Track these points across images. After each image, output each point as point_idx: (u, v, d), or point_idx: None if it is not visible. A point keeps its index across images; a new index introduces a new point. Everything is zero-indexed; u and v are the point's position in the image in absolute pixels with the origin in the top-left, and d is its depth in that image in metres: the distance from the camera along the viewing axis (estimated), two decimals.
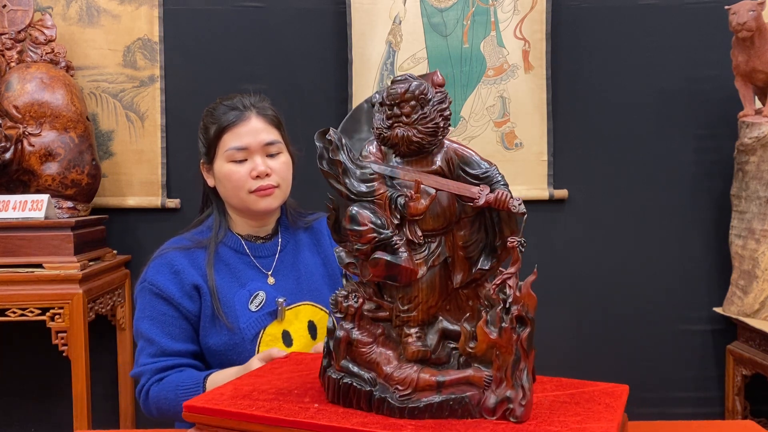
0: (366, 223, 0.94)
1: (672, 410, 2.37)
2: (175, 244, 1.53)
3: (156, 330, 1.46)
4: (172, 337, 1.46)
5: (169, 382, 1.42)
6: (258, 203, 1.49)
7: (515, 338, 0.92)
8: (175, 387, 1.40)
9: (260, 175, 1.47)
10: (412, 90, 0.97)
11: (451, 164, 1.00)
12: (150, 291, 1.47)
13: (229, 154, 1.48)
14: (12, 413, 2.41)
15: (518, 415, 0.92)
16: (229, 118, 1.49)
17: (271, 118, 1.52)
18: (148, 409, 1.47)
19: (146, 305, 1.48)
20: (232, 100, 1.53)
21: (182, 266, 1.47)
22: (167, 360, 1.45)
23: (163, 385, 1.42)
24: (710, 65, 2.33)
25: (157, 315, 1.47)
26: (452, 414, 0.93)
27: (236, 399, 1.01)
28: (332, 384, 0.99)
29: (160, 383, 1.43)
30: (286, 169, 1.52)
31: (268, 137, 1.49)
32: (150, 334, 1.46)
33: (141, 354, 1.48)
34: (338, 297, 0.99)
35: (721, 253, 2.32)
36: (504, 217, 0.98)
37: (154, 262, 1.51)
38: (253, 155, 1.48)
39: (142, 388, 1.46)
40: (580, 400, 1.00)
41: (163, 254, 1.50)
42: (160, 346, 1.45)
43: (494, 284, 0.93)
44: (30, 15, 2.17)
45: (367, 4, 2.30)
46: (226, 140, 1.49)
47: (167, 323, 1.46)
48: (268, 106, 1.55)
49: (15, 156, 2.00)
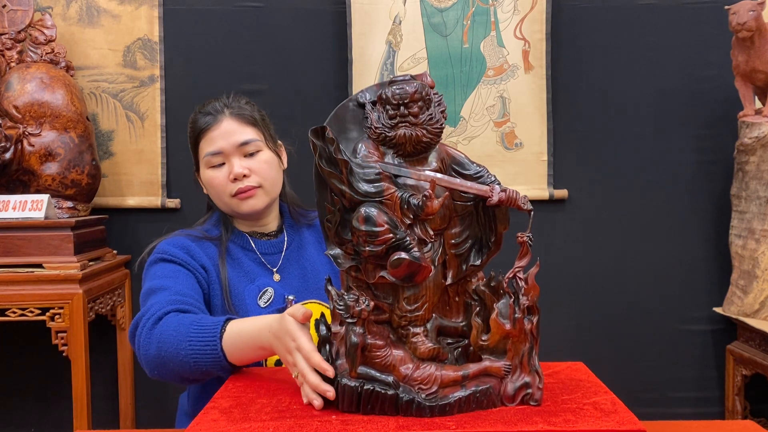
0: (383, 224, 0.94)
1: (672, 410, 2.37)
2: (185, 232, 1.50)
3: (170, 282, 1.35)
4: (189, 289, 1.36)
5: (188, 317, 1.25)
6: (241, 206, 1.47)
7: (528, 327, 0.97)
8: (189, 324, 1.22)
9: (237, 177, 1.45)
10: (420, 90, 0.98)
11: (444, 164, 1.01)
12: (161, 259, 1.40)
13: (207, 160, 1.47)
14: (12, 413, 2.41)
15: (537, 399, 0.98)
16: (201, 124, 1.48)
17: (247, 117, 1.49)
18: (148, 343, 1.25)
19: (157, 270, 1.39)
20: (206, 106, 1.51)
21: (193, 248, 1.43)
22: (186, 302, 1.30)
23: (181, 319, 1.24)
24: (710, 65, 2.34)
25: (169, 273, 1.38)
26: (479, 406, 0.97)
27: (235, 423, 0.95)
28: (349, 392, 0.97)
29: (177, 316, 1.26)
30: (267, 167, 1.48)
31: (241, 137, 1.46)
32: (163, 284, 1.34)
33: (152, 299, 1.32)
34: (348, 301, 0.96)
35: (721, 253, 2.33)
36: (498, 214, 1.01)
37: (164, 240, 1.45)
38: (230, 158, 1.46)
39: (151, 317, 1.26)
40: (569, 383, 1.09)
41: (173, 236, 1.47)
42: (176, 290, 1.33)
43: (506, 277, 0.98)
44: (30, 15, 2.17)
45: (367, 4, 2.30)
46: (203, 147, 1.48)
47: (181, 279, 1.37)
48: (244, 105, 1.51)
49: (15, 156, 2.00)
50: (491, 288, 1.01)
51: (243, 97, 1.55)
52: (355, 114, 1.03)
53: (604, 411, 0.95)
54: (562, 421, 0.92)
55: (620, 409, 0.96)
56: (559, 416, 0.94)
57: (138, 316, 1.31)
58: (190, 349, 1.19)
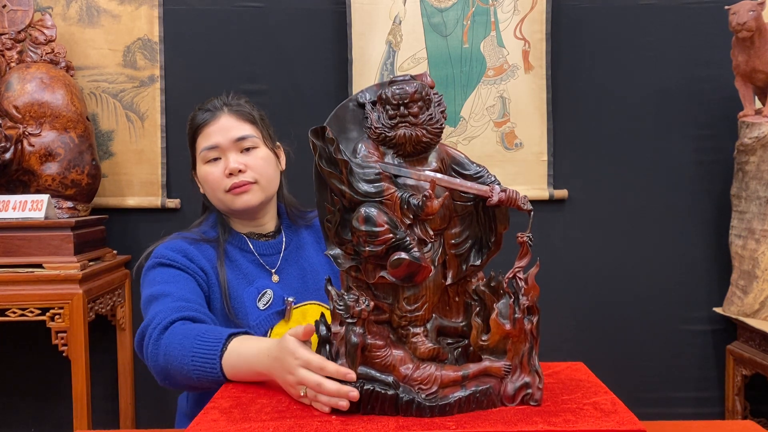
0: (383, 224, 0.94)
1: (672, 410, 2.37)
2: (181, 235, 1.50)
3: (171, 287, 1.34)
4: (191, 293, 1.35)
5: (193, 328, 1.24)
6: (235, 201, 1.46)
7: (528, 327, 0.97)
8: (194, 337, 1.21)
9: (233, 172, 1.44)
10: (420, 90, 0.98)
11: (444, 164, 1.01)
12: (160, 264, 1.40)
13: (203, 155, 1.47)
14: (12, 413, 2.41)
15: (537, 399, 0.98)
16: (199, 120, 1.49)
17: (245, 115, 1.49)
18: (156, 354, 1.25)
19: (156, 275, 1.38)
20: (206, 104, 1.51)
21: (191, 251, 1.43)
22: (190, 308, 1.30)
23: (186, 330, 1.23)
24: (710, 65, 2.34)
25: (169, 278, 1.37)
26: (478, 406, 0.97)
27: (235, 423, 0.95)
28: None
29: (184, 325, 1.25)
30: (263, 163, 1.48)
31: (238, 132, 1.46)
32: (165, 289, 1.33)
33: (156, 306, 1.31)
34: (348, 301, 0.96)
35: (721, 253, 2.33)
36: (498, 214, 1.01)
37: (161, 244, 1.45)
38: (226, 153, 1.46)
39: (157, 326, 1.26)
40: (569, 383, 1.09)
41: (170, 240, 1.47)
42: (179, 296, 1.32)
43: (506, 277, 0.98)
44: (30, 15, 2.17)
45: (367, 4, 2.30)
46: (200, 142, 1.49)
47: (182, 284, 1.36)
48: (243, 103, 1.52)
49: (15, 156, 2.00)
50: (491, 288, 1.01)
51: (243, 96, 1.56)
52: (355, 114, 1.03)
53: (604, 411, 0.95)
54: (562, 421, 0.92)
55: (620, 409, 0.96)
56: (559, 416, 0.94)
57: (143, 325, 1.30)
58: (193, 365, 1.19)
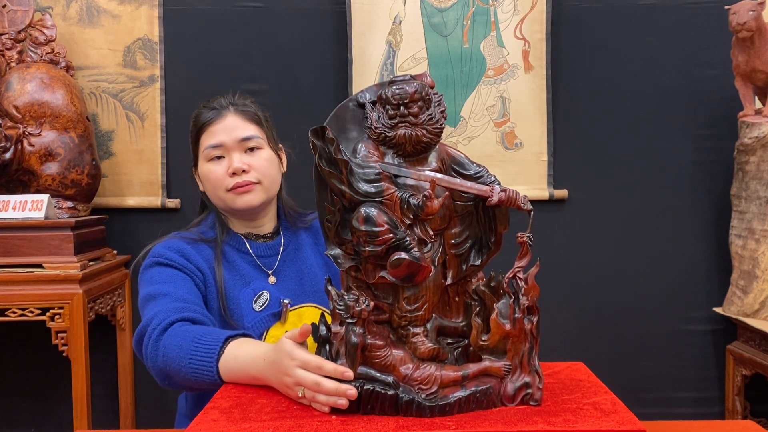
0: (382, 224, 0.94)
1: (672, 410, 2.37)
2: (179, 235, 1.49)
3: (169, 287, 1.34)
4: (189, 293, 1.35)
5: (191, 330, 1.24)
6: (236, 201, 1.46)
7: (528, 327, 0.97)
8: (191, 340, 1.21)
9: (236, 172, 1.44)
10: (420, 90, 0.98)
11: (444, 164, 1.01)
12: (157, 263, 1.40)
13: (207, 153, 1.47)
14: (12, 413, 2.41)
15: (537, 399, 0.98)
16: (204, 118, 1.48)
17: (251, 115, 1.50)
18: (155, 356, 1.25)
19: (154, 275, 1.38)
20: (212, 102, 1.51)
21: (189, 251, 1.43)
22: (188, 308, 1.30)
23: (185, 332, 1.23)
24: (710, 65, 2.34)
25: (167, 278, 1.37)
26: (478, 406, 0.97)
27: (235, 423, 0.95)
28: None
29: (182, 327, 1.25)
30: (267, 164, 1.48)
31: (244, 132, 1.46)
32: (162, 289, 1.34)
33: (154, 306, 1.31)
34: (348, 301, 0.96)
35: (721, 253, 2.33)
36: (498, 214, 1.00)
37: (159, 244, 1.45)
38: (230, 152, 1.46)
39: (156, 327, 1.26)
40: (569, 383, 1.09)
41: (168, 239, 1.46)
42: (177, 296, 1.32)
43: (506, 277, 0.98)
44: (30, 15, 2.17)
45: (367, 4, 2.30)
46: (204, 140, 1.48)
47: (180, 283, 1.36)
48: (249, 104, 1.52)
49: (15, 156, 2.00)
50: (491, 288, 1.01)
51: (249, 96, 1.56)
52: (355, 114, 1.03)
53: (604, 411, 0.95)
54: (562, 421, 0.92)
55: (620, 409, 0.96)
56: (559, 416, 0.94)
57: (142, 325, 1.30)
58: (190, 367, 1.19)
